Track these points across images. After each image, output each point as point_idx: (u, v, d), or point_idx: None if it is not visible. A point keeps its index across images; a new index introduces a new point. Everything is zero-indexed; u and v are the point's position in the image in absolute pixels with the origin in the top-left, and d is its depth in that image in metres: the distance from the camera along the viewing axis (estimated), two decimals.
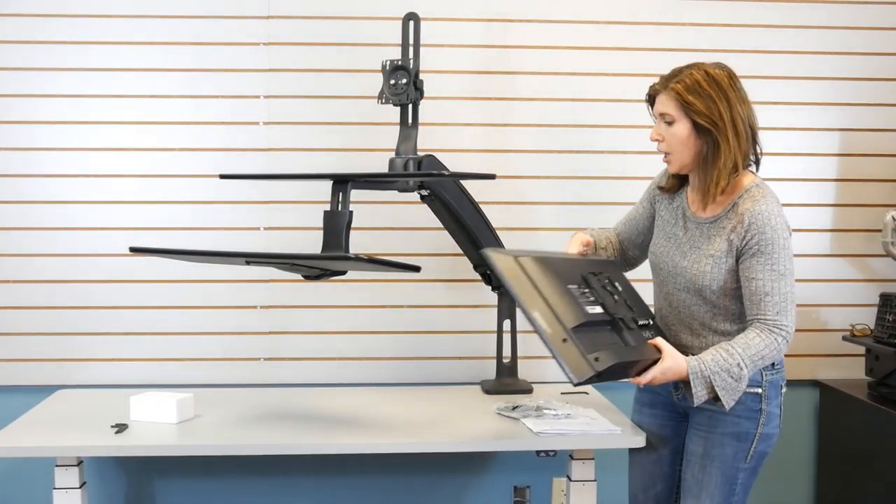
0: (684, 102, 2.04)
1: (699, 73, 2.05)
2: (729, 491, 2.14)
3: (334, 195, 2.11)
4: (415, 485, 2.93)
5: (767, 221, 2.02)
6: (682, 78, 2.06)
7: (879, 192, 2.98)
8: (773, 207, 2.04)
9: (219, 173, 2.45)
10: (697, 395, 2.00)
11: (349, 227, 2.10)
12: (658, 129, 2.11)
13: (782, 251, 2.03)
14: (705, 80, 2.04)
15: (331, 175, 2.15)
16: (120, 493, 2.87)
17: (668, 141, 2.09)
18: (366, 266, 2.33)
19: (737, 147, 2.04)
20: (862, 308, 2.97)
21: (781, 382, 2.16)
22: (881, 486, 2.64)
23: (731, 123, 2.03)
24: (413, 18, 2.40)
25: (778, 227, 2.02)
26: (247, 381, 2.86)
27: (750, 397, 2.10)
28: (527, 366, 2.88)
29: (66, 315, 2.82)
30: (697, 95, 2.03)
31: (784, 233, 2.03)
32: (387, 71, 2.38)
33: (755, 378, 2.09)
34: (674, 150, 2.09)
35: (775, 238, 2.02)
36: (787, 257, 2.03)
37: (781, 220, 2.04)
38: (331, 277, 2.27)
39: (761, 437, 2.12)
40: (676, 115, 2.06)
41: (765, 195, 2.05)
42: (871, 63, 2.96)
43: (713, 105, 2.03)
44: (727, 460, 2.12)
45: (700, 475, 2.16)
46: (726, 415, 2.10)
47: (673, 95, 2.06)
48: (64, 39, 2.78)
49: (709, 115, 2.03)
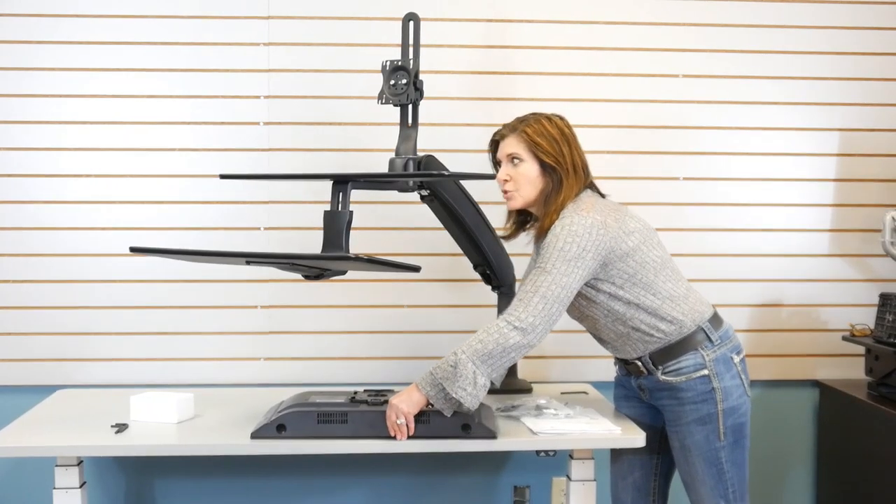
0: (533, 143, 2.21)
1: (544, 119, 2.25)
2: (717, 472, 2.22)
3: (334, 195, 2.11)
4: (415, 485, 2.93)
5: (556, 229, 2.13)
6: (529, 123, 2.24)
7: (879, 192, 2.98)
8: (573, 217, 2.13)
9: (219, 173, 2.45)
10: (431, 397, 2.11)
11: (349, 227, 2.10)
12: (506, 170, 2.25)
13: (556, 252, 2.10)
14: (549, 124, 2.23)
15: (331, 175, 2.15)
16: (120, 493, 2.87)
17: (516, 179, 2.23)
18: (366, 266, 2.33)
19: (575, 184, 2.21)
20: (862, 308, 2.98)
21: (731, 354, 2.23)
22: (881, 486, 2.64)
23: (572, 164, 2.21)
24: (413, 19, 2.40)
25: (562, 233, 2.11)
26: (247, 381, 2.86)
27: (698, 381, 2.20)
28: (527, 366, 2.88)
29: (66, 315, 2.82)
30: (544, 138, 2.21)
31: (569, 238, 2.10)
32: (386, 71, 2.38)
33: (697, 361, 2.19)
34: (521, 187, 2.23)
35: (554, 241, 2.12)
36: (560, 258, 2.10)
37: (576, 227, 2.11)
38: (331, 277, 2.27)
39: (727, 413, 2.20)
40: (525, 155, 2.22)
41: (574, 210, 2.15)
42: (871, 63, 2.96)
43: (557, 146, 2.21)
44: (702, 446, 2.21)
45: (687, 467, 2.26)
46: (685, 404, 2.21)
47: (524, 137, 2.22)
48: (64, 39, 2.78)
49: (554, 154, 2.20)
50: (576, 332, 2.86)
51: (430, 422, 2.16)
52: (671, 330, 2.19)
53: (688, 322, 2.20)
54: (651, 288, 2.18)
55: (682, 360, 2.21)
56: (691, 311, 2.21)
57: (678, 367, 2.21)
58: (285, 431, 2.16)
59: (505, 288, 2.73)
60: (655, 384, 2.26)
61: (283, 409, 2.20)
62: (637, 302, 2.18)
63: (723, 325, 2.26)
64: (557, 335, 2.91)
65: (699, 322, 2.21)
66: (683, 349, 2.21)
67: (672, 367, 2.22)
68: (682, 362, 2.21)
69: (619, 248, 2.14)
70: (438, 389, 2.11)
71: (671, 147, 2.93)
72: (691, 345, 2.20)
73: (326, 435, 2.17)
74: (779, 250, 2.97)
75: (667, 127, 2.93)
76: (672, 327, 2.19)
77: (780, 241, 2.97)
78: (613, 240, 2.13)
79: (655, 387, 2.27)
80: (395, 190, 2.48)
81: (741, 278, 2.96)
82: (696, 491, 2.26)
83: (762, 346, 2.98)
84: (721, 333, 2.23)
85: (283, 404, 2.28)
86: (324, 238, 2.10)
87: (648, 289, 2.18)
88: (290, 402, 2.25)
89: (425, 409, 2.14)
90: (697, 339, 2.20)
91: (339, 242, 2.08)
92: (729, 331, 2.27)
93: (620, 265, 2.16)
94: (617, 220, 2.17)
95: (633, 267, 2.16)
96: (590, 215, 2.13)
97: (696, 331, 2.20)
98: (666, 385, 2.23)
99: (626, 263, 2.16)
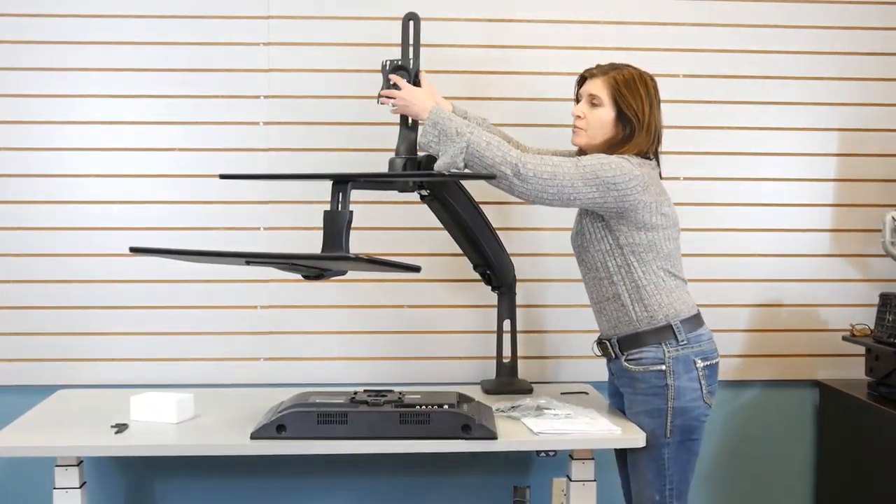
0: (618, 91, 2.28)
1: (635, 71, 2.31)
2: (658, 467, 2.28)
3: (334, 195, 2.11)
4: (415, 485, 2.93)
5: (612, 155, 2.24)
6: (620, 71, 2.30)
7: (879, 192, 2.98)
8: (630, 160, 2.22)
9: (219, 173, 2.45)
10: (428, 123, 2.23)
11: (349, 227, 2.10)
12: (582, 108, 2.32)
13: (596, 163, 2.19)
14: (639, 79, 2.30)
15: (331, 175, 2.15)
16: (120, 493, 2.87)
17: (589, 119, 2.31)
18: (366, 266, 2.34)
19: (643, 142, 2.28)
20: (862, 308, 2.98)
21: (695, 357, 2.27)
22: (881, 486, 2.64)
23: (648, 122, 2.28)
24: (413, 18, 2.40)
25: (613, 160, 2.21)
26: (247, 381, 2.86)
27: (653, 374, 2.26)
28: (527, 366, 2.88)
29: (66, 315, 2.82)
30: (629, 90, 2.28)
31: (614, 166, 2.19)
32: (386, 71, 2.38)
33: (657, 355, 2.26)
34: (590, 127, 2.31)
35: (602, 158, 2.21)
36: (594, 170, 2.18)
37: (625, 167, 2.20)
38: (331, 277, 2.27)
39: (676, 411, 2.25)
40: (606, 100, 2.29)
41: (629, 159, 2.24)
42: (871, 63, 2.96)
43: (640, 102, 2.28)
44: (647, 438, 2.26)
45: (633, 455, 2.32)
46: (637, 394, 2.30)
47: (610, 83, 2.29)
48: (63, 39, 2.78)
49: (635, 108, 2.27)
50: (576, 332, 2.87)
51: (431, 422, 2.16)
52: (642, 317, 2.26)
53: (659, 315, 2.26)
54: (645, 265, 2.25)
55: (643, 351, 2.28)
56: (668, 305, 2.27)
57: (639, 357, 2.28)
58: (285, 432, 2.16)
59: (505, 288, 2.73)
60: (619, 369, 2.35)
61: (282, 410, 2.21)
62: (627, 267, 2.25)
63: (698, 330, 2.30)
64: (557, 335, 2.92)
65: (671, 319, 2.26)
66: (648, 340, 2.27)
67: (635, 355, 2.29)
68: (643, 353, 2.28)
69: (640, 214, 2.22)
70: (437, 131, 2.21)
71: (671, 147, 2.91)
72: (656, 338, 2.26)
73: (326, 435, 2.17)
74: (779, 250, 2.97)
75: (667, 127, 2.90)
76: (644, 314, 2.26)
77: (780, 241, 2.97)
78: (642, 203, 2.21)
79: (620, 372, 2.35)
80: (395, 190, 2.48)
81: (741, 278, 2.96)
82: (637, 479, 2.33)
83: (762, 346, 2.98)
84: (691, 336, 2.27)
85: (283, 404, 2.28)
86: (323, 238, 2.11)
87: (643, 264, 2.25)
88: (290, 403, 2.25)
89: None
90: (663, 335, 2.26)
91: (339, 242, 2.08)
92: (702, 336, 2.30)
93: (634, 229, 2.24)
94: (657, 194, 2.25)
95: (642, 239, 2.24)
96: (641, 170, 2.22)
97: (665, 326, 2.26)
98: (627, 372, 2.31)
99: (640, 233, 2.24)
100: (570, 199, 2.19)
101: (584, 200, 2.20)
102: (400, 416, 2.17)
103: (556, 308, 2.91)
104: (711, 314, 2.52)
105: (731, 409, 3.02)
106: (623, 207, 2.21)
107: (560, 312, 2.91)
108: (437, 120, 2.22)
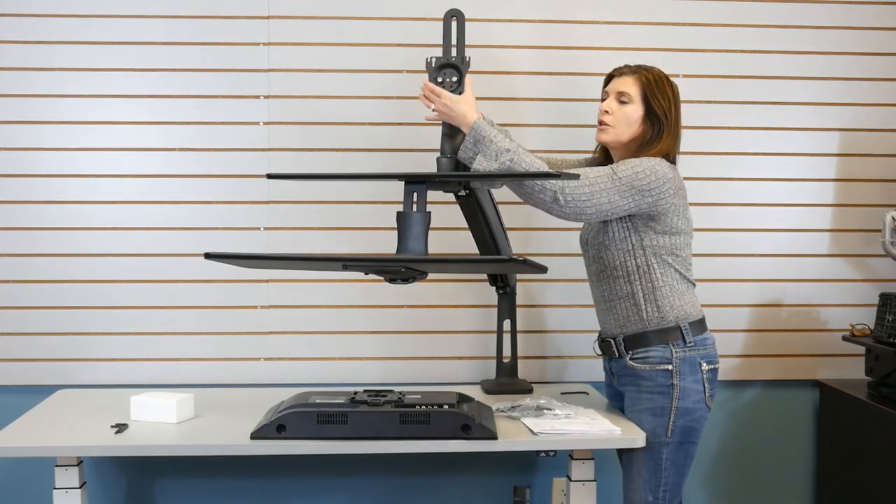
0: (650, 90, 2.30)
1: (662, 73, 2.35)
2: (654, 466, 2.28)
3: (408, 196, 2.10)
4: (415, 485, 2.93)
5: (645, 158, 2.23)
6: (650, 71, 2.34)
7: (879, 192, 2.98)
8: (663, 162, 2.23)
9: (266, 173, 2.34)
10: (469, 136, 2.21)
11: (427, 228, 2.09)
12: (610, 104, 2.33)
13: (631, 171, 2.19)
14: (666, 81, 2.33)
15: (403, 175, 2.12)
16: (120, 493, 2.87)
17: (616, 116, 2.32)
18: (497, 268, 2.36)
19: (671, 142, 2.31)
20: (862, 308, 2.98)
21: (701, 360, 2.28)
22: (881, 486, 2.64)
23: (674, 124, 2.31)
24: (456, 15, 2.35)
25: (648, 163, 2.21)
26: (247, 381, 2.86)
27: (659, 373, 2.27)
28: (527, 366, 2.88)
29: (66, 315, 2.82)
30: (659, 89, 2.31)
31: (649, 171, 2.19)
32: (432, 68, 2.34)
33: (665, 355, 2.27)
34: (618, 125, 2.32)
35: (638, 163, 2.21)
36: (630, 178, 2.18)
37: (660, 170, 2.20)
38: (413, 280, 2.20)
39: (680, 412, 2.26)
40: (636, 98, 2.31)
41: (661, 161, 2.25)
42: (871, 63, 2.96)
43: (668, 103, 2.30)
44: (648, 436, 2.26)
45: (629, 453, 2.32)
46: (642, 392, 2.30)
47: (641, 81, 2.31)
48: (63, 39, 2.78)
49: (664, 108, 2.29)
50: (576, 332, 2.88)
51: (431, 422, 2.16)
52: (653, 317, 2.27)
53: (670, 317, 2.27)
54: (664, 267, 2.27)
55: (650, 350, 2.28)
56: (679, 307, 2.28)
57: (646, 356, 2.29)
58: (285, 432, 2.16)
59: (509, 289, 2.73)
60: (622, 368, 2.35)
61: (283, 410, 2.21)
62: (647, 268, 2.26)
63: (703, 333, 2.32)
64: (557, 335, 2.92)
65: (680, 321, 2.28)
66: (655, 340, 2.28)
67: (641, 354, 2.30)
68: (650, 352, 2.28)
69: (670, 218, 2.25)
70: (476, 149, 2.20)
71: None
72: (664, 338, 2.27)
73: (326, 435, 2.17)
74: (779, 250, 2.97)
75: None
76: (655, 315, 2.27)
77: (780, 241, 2.97)
78: (672, 207, 2.24)
79: (622, 371, 2.35)
80: (442, 190, 2.42)
81: (741, 278, 2.96)
82: (631, 478, 2.32)
83: (762, 346, 2.98)
84: (698, 339, 2.29)
85: (283, 404, 2.28)
86: (399, 240, 2.08)
87: (661, 266, 2.27)
88: (290, 403, 2.25)
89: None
90: (671, 335, 2.27)
91: (420, 245, 2.08)
92: (707, 340, 2.32)
93: (660, 232, 2.25)
94: (683, 198, 2.29)
95: (665, 242, 2.26)
96: (674, 173, 2.24)
97: (674, 327, 2.27)
98: (631, 371, 2.31)
99: (665, 236, 2.26)
100: (609, 214, 2.21)
101: (621, 212, 2.21)
102: (400, 416, 2.17)
103: (556, 308, 2.92)
104: (712, 314, 2.52)
105: (732, 409, 3.02)
106: (657, 211, 2.23)
107: (560, 312, 2.91)
108: (477, 139, 2.20)
